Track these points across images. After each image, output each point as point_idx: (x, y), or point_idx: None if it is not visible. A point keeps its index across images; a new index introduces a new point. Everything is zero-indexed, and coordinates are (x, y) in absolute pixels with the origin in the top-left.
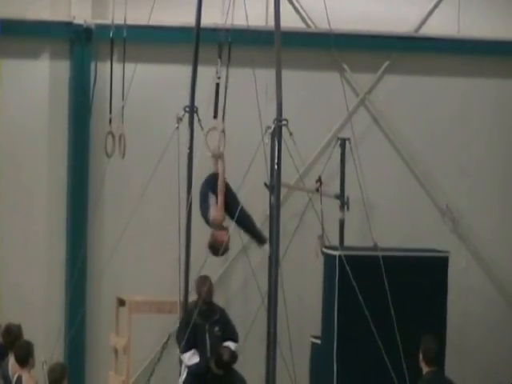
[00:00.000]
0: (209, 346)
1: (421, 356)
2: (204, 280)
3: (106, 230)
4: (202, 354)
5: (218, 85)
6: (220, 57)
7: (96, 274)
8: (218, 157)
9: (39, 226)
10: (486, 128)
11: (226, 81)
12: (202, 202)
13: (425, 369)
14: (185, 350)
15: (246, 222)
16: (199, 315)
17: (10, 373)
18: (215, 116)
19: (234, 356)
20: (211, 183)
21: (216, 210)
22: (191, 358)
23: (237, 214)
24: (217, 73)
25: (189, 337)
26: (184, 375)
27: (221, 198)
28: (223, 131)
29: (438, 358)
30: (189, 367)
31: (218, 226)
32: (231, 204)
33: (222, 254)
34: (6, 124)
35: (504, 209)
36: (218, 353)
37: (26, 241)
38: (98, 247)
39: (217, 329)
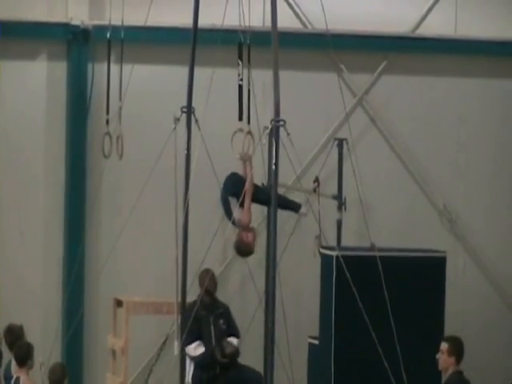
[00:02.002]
0: (214, 337)
1: (453, 357)
2: (207, 272)
3: (104, 231)
4: (207, 346)
5: (240, 86)
6: (240, 58)
7: (93, 275)
8: (245, 160)
9: (37, 226)
10: (484, 128)
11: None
12: (224, 205)
13: (451, 367)
14: (189, 341)
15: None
16: (203, 307)
17: (13, 373)
18: (240, 118)
19: (236, 350)
20: (230, 186)
21: (240, 211)
22: (196, 348)
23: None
24: (239, 75)
25: (193, 329)
26: (191, 371)
27: (247, 201)
28: (250, 133)
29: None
30: (194, 358)
31: (243, 228)
32: (258, 195)
33: (247, 256)
34: (3, 124)
35: (501, 209)
36: (221, 346)
37: (23, 241)
38: (96, 248)
39: (221, 321)
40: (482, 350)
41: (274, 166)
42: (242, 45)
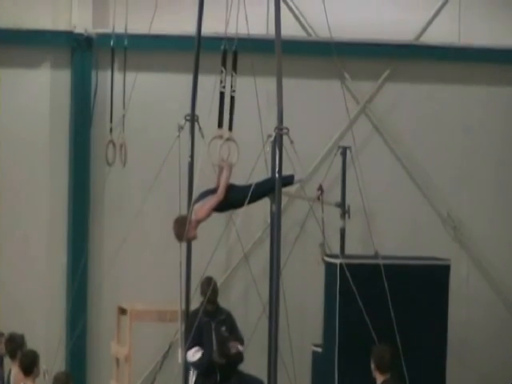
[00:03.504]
0: (215, 344)
1: (373, 365)
2: (208, 281)
3: (107, 239)
4: (207, 352)
5: (222, 94)
6: (224, 65)
7: (97, 283)
8: (223, 167)
9: (40, 234)
10: (487, 135)
11: (232, 90)
12: (200, 196)
13: (379, 378)
14: (188, 347)
15: (265, 187)
16: (205, 314)
17: (12, 383)
18: (220, 125)
19: (239, 353)
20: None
21: (203, 205)
22: (195, 354)
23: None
24: (221, 82)
25: (194, 335)
26: (194, 378)
27: (213, 201)
28: (232, 140)
29: (390, 366)
30: (193, 363)
31: (195, 220)
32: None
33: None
34: (6, 133)
35: (505, 216)
36: (226, 346)
37: (27, 249)
38: (99, 256)
39: (224, 328)
40: (485, 357)
41: (277, 174)
42: (226, 52)
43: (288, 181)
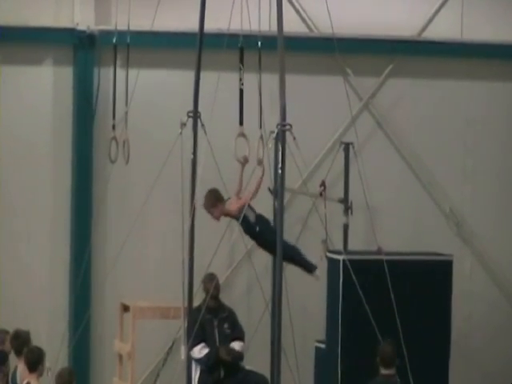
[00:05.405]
0: (218, 341)
1: (378, 358)
2: (211, 277)
3: (110, 236)
4: (211, 348)
5: (241, 91)
6: (242, 62)
7: (100, 280)
8: (244, 164)
9: (43, 231)
10: (490, 131)
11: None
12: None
13: (382, 371)
14: (193, 344)
15: (291, 254)
16: (208, 311)
17: (19, 380)
18: (241, 123)
19: (239, 355)
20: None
21: (236, 201)
22: (201, 350)
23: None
24: (240, 79)
25: (197, 332)
26: (198, 374)
27: (246, 196)
28: (261, 138)
29: (393, 363)
30: (199, 360)
31: (225, 212)
32: (266, 234)
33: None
34: (9, 130)
35: (507, 212)
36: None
37: (29, 247)
38: (102, 253)
39: (226, 326)
40: (488, 353)
41: (280, 171)
42: (243, 49)
43: (309, 268)
